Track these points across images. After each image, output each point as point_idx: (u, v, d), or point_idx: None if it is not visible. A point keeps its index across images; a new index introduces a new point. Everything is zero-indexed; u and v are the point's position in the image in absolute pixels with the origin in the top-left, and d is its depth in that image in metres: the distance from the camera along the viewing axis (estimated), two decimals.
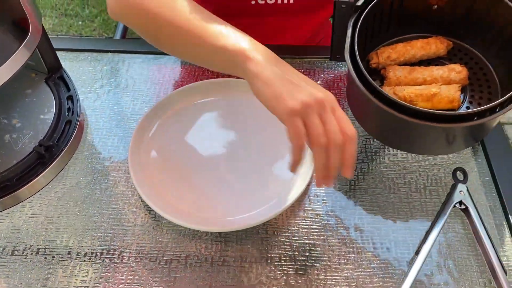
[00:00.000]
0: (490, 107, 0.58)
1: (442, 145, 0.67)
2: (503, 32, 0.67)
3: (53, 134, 0.70)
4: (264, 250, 0.63)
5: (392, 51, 0.71)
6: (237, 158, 0.71)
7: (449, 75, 0.68)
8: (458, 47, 0.74)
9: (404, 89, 0.66)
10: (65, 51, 0.87)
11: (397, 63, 0.71)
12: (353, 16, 0.65)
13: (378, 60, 0.71)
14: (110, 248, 0.63)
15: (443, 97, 0.64)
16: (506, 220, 0.65)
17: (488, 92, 0.69)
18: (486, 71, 0.72)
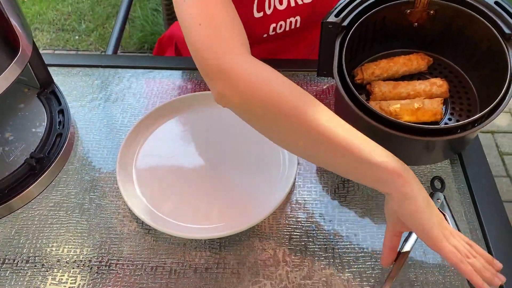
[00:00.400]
0: (470, 121, 0.61)
1: (424, 157, 0.70)
2: (479, 48, 0.70)
3: (44, 146, 0.73)
4: (246, 257, 0.65)
5: (376, 67, 0.74)
6: (222, 168, 0.73)
7: (431, 89, 0.71)
8: (438, 62, 0.77)
9: (390, 104, 0.69)
10: (58, 66, 0.90)
11: (381, 78, 0.74)
12: (340, 36, 0.68)
13: (362, 76, 0.74)
14: (98, 256, 0.65)
15: (426, 111, 0.68)
16: (479, 226, 0.67)
17: (467, 104, 0.73)
18: (465, 84, 0.75)
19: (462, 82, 0.75)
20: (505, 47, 0.64)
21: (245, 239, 0.67)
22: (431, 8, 0.71)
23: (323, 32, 0.68)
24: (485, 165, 0.74)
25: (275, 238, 0.67)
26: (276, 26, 0.87)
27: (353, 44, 0.70)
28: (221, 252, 0.65)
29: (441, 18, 0.72)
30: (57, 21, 2.35)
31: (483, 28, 0.67)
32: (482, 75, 0.72)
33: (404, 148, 0.66)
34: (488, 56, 0.69)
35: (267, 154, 0.74)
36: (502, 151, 1.82)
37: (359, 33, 0.70)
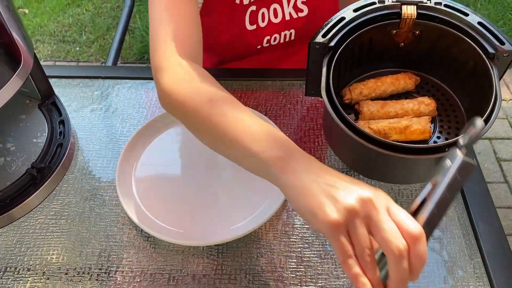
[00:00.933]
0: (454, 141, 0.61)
1: (413, 175, 0.71)
2: (465, 67, 0.71)
3: (45, 156, 0.74)
4: (243, 263, 0.66)
5: (364, 87, 0.75)
6: (220, 175, 0.75)
7: (419, 108, 0.72)
8: (426, 81, 0.79)
9: (378, 122, 0.70)
10: (58, 78, 0.92)
11: (369, 98, 0.75)
12: (327, 56, 0.68)
13: (351, 96, 0.75)
14: (98, 263, 0.67)
15: (415, 129, 0.69)
16: (472, 231, 0.69)
17: (455, 122, 0.74)
18: (452, 102, 0.76)
19: (450, 100, 0.76)
20: (490, 66, 0.65)
21: (242, 245, 0.68)
22: (417, 29, 0.71)
23: (311, 52, 0.69)
24: (478, 171, 0.75)
25: (272, 244, 0.68)
26: (270, 39, 0.89)
27: (340, 64, 0.71)
28: (219, 258, 0.67)
29: (427, 38, 0.73)
30: (58, 33, 2.38)
31: (468, 48, 0.68)
32: (469, 94, 0.73)
33: (393, 167, 0.68)
34: (474, 75, 0.69)
35: None
36: (500, 157, 1.83)
37: (346, 54, 0.71)
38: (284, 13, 0.86)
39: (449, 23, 0.69)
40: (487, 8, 2.42)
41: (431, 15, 0.70)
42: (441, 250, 0.66)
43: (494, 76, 0.64)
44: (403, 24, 0.71)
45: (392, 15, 0.70)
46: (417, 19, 0.70)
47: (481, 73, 0.67)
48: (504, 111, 2.01)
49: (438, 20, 0.70)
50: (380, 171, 0.71)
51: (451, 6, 0.69)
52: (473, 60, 0.68)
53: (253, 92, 0.88)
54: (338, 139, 0.72)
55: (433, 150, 0.61)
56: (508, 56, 0.65)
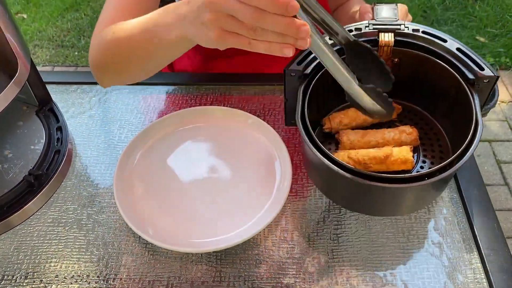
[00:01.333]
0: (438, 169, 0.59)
1: (391, 206, 0.68)
2: (446, 94, 0.70)
3: (42, 163, 0.74)
4: (242, 270, 0.66)
5: (343, 116, 0.74)
6: (218, 182, 0.75)
7: (400, 137, 0.71)
8: (408, 109, 0.78)
9: (358, 152, 0.68)
10: (56, 84, 0.92)
11: (350, 127, 0.74)
12: (303, 84, 0.67)
13: (330, 125, 0.74)
14: (96, 271, 0.66)
15: (396, 159, 0.67)
16: (472, 236, 0.68)
17: (439, 151, 0.72)
18: (436, 130, 0.75)
19: (433, 129, 0.75)
20: (469, 93, 0.64)
21: (241, 252, 0.68)
22: (395, 57, 0.70)
23: (287, 80, 0.67)
24: (477, 175, 0.75)
25: (271, 250, 0.67)
26: None
27: (318, 92, 0.69)
28: (218, 265, 0.66)
29: (406, 66, 0.71)
30: (56, 38, 2.38)
31: (447, 75, 0.67)
32: (452, 122, 0.72)
33: (368, 197, 0.66)
34: (456, 102, 0.68)
35: (261, 167, 0.76)
36: (500, 159, 1.83)
37: (324, 82, 0.69)
38: None
39: (428, 50, 0.68)
40: (485, 10, 2.42)
41: (409, 42, 0.69)
42: (440, 255, 0.66)
43: (474, 103, 0.63)
44: (381, 51, 0.69)
45: (369, 42, 0.68)
46: (395, 46, 0.69)
47: (462, 100, 0.65)
48: (503, 113, 2.01)
49: (416, 47, 0.69)
50: (358, 202, 0.68)
51: (429, 33, 0.68)
52: (454, 87, 0.67)
53: (250, 97, 0.88)
54: (313, 167, 0.70)
55: (406, 180, 0.59)
56: (489, 82, 0.63)
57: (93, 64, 0.73)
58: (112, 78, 0.74)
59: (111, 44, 0.68)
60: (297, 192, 0.74)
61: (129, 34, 0.66)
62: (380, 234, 0.68)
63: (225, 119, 0.81)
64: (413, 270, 0.65)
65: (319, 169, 0.67)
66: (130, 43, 0.66)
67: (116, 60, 0.70)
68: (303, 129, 0.64)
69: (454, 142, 0.72)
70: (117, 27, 0.68)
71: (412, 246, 0.67)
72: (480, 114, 0.62)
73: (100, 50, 0.71)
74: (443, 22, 2.40)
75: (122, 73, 0.73)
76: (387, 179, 0.59)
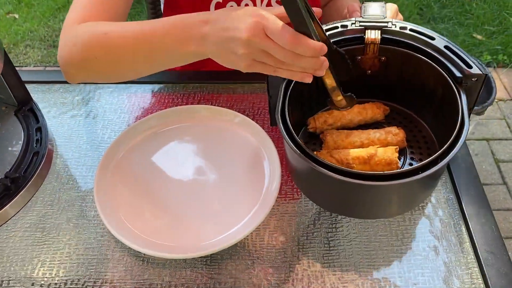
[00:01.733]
0: (419, 167, 0.56)
1: (371, 206, 0.65)
2: (434, 94, 0.67)
3: (20, 165, 0.71)
4: (229, 275, 0.63)
5: (328, 116, 0.72)
6: (204, 184, 0.71)
7: (386, 138, 0.68)
8: (396, 111, 0.75)
9: (341, 152, 0.66)
10: (38, 83, 0.88)
11: (335, 127, 0.72)
12: (285, 80, 0.65)
13: (315, 125, 0.72)
14: (74, 277, 0.63)
15: (380, 159, 0.64)
16: (469, 238, 0.65)
17: (427, 154, 0.69)
18: (425, 133, 0.72)
19: (422, 131, 0.73)
20: (456, 91, 0.62)
21: (227, 257, 0.64)
22: (382, 55, 0.68)
23: (269, 77, 0.65)
24: (474, 175, 0.72)
25: (258, 255, 0.64)
26: None
27: (302, 91, 0.67)
28: (203, 271, 0.63)
29: (393, 64, 0.69)
30: (48, 38, 2.35)
31: (435, 73, 0.65)
32: (440, 123, 0.69)
33: (356, 198, 0.63)
34: (444, 103, 0.66)
35: (249, 168, 0.73)
36: (498, 158, 1.80)
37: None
38: None
39: (415, 48, 0.66)
40: (482, 7, 2.40)
41: (396, 40, 0.66)
42: (436, 259, 0.63)
43: (461, 101, 0.61)
44: (367, 49, 0.67)
45: (355, 39, 0.66)
46: (382, 44, 0.66)
47: (450, 100, 0.63)
48: (502, 112, 1.98)
49: (404, 45, 0.66)
50: (345, 204, 0.65)
51: (416, 31, 0.66)
52: (442, 86, 0.65)
53: (239, 96, 0.85)
54: (296, 169, 0.67)
55: (387, 177, 0.55)
56: (477, 80, 0.61)
57: (67, 60, 0.69)
58: (89, 75, 0.71)
59: (101, 44, 0.65)
60: (286, 193, 0.71)
61: (127, 38, 0.64)
62: (372, 238, 0.65)
63: (211, 118, 0.78)
64: (408, 275, 0.62)
65: (301, 170, 0.64)
66: (127, 48, 0.64)
67: (103, 60, 0.67)
68: (283, 127, 0.61)
69: (442, 145, 0.68)
70: (107, 28, 0.66)
71: (406, 250, 0.64)
72: (467, 113, 0.60)
73: (82, 48, 0.67)
74: (439, 19, 2.38)
75: (105, 73, 0.70)
76: (370, 177, 0.56)
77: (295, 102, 0.66)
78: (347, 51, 0.67)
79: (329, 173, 0.56)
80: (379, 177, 0.56)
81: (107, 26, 0.66)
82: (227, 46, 0.55)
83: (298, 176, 0.68)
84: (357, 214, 0.66)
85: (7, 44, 2.31)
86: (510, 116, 1.96)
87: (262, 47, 0.53)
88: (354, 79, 0.71)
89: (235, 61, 0.56)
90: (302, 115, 0.73)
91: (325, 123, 0.71)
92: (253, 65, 0.55)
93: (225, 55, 0.56)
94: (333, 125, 0.71)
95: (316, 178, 0.62)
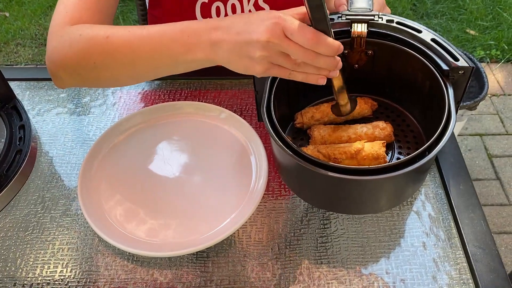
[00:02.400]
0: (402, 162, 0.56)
1: (368, 202, 0.63)
2: (422, 88, 0.67)
3: (2, 164, 0.69)
4: (214, 273, 0.62)
5: (316, 111, 0.71)
6: (189, 181, 0.70)
7: (374, 132, 0.67)
8: (385, 106, 0.74)
9: (328, 147, 0.65)
10: (22, 80, 0.87)
11: (322, 123, 0.71)
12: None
13: (302, 120, 0.71)
14: (58, 277, 0.62)
15: (367, 154, 0.63)
16: (457, 233, 0.64)
17: (416, 148, 0.68)
18: (413, 127, 0.72)
19: (410, 126, 0.72)
20: (443, 84, 0.61)
21: (213, 255, 0.63)
22: (369, 49, 0.67)
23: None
24: (463, 170, 0.71)
25: (245, 253, 0.63)
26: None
27: (289, 85, 0.66)
28: (188, 269, 0.62)
29: (380, 58, 0.68)
30: (39, 36, 2.33)
31: (422, 66, 0.64)
32: (428, 116, 0.69)
33: (344, 193, 0.62)
34: (431, 97, 0.65)
35: (235, 164, 0.72)
36: (491, 153, 1.80)
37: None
38: (244, 11, 0.81)
39: (402, 41, 0.65)
40: (476, 3, 2.39)
41: (383, 34, 0.66)
42: (424, 255, 0.62)
43: (448, 94, 0.60)
44: (354, 43, 0.66)
45: (342, 33, 0.65)
46: (369, 38, 0.66)
47: (437, 93, 0.62)
48: (495, 107, 1.97)
49: (390, 39, 0.66)
50: (332, 199, 0.65)
51: (403, 23, 0.65)
52: (429, 80, 0.64)
53: (227, 91, 0.84)
54: (282, 165, 0.66)
55: (375, 171, 0.54)
56: (464, 73, 0.60)
57: (59, 64, 0.65)
58: (83, 81, 0.68)
59: (102, 48, 0.61)
60: (273, 190, 0.70)
61: (132, 42, 0.60)
62: (360, 234, 0.65)
63: (196, 114, 0.77)
64: (395, 271, 0.61)
65: (287, 166, 0.63)
66: (129, 53, 0.60)
67: (102, 66, 0.62)
68: (268, 122, 0.60)
69: (429, 139, 0.68)
70: (108, 31, 0.62)
71: (394, 246, 0.63)
72: (454, 106, 0.59)
73: (79, 52, 0.62)
74: (433, 15, 2.37)
75: (101, 79, 0.66)
76: (357, 171, 0.55)
77: (282, 96, 0.65)
78: None
79: (315, 168, 0.55)
80: (366, 172, 0.55)
81: (108, 29, 0.62)
82: (242, 51, 0.54)
83: (284, 172, 0.67)
84: (345, 210, 0.65)
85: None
86: (503, 111, 1.95)
87: (281, 49, 0.52)
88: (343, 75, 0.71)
89: (249, 66, 0.54)
90: (290, 110, 0.72)
91: (312, 118, 0.70)
92: (270, 69, 0.54)
93: (239, 60, 0.55)
94: (320, 120, 0.71)
95: (302, 174, 0.61)
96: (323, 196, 0.64)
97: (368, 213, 0.66)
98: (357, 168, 0.55)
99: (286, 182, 0.69)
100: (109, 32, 0.61)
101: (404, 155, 0.68)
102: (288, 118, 0.73)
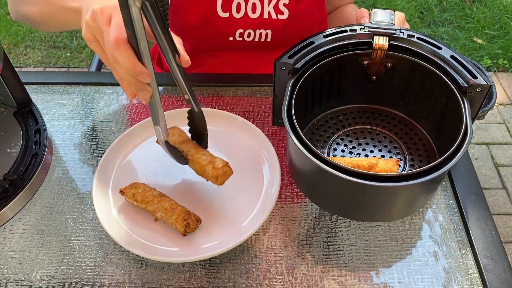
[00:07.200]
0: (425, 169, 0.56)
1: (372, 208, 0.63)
2: (438, 103, 0.67)
3: (18, 167, 0.70)
4: (227, 280, 0.62)
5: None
6: (202, 187, 0.71)
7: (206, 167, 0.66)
8: (399, 118, 0.75)
9: (343, 159, 0.66)
10: (37, 84, 0.88)
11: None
12: (292, 78, 0.65)
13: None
14: (72, 281, 0.63)
15: (380, 169, 0.64)
16: (469, 243, 0.65)
17: (427, 162, 0.68)
18: (425, 141, 0.72)
19: (423, 140, 0.72)
20: (461, 100, 0.62)
21: (226, 261, 0.64)
22: (388, 61, 0.68)
23: (277, 74, 0.65)
24: (475, 180, 0.72)
25: (257, 259, 0.64)
26: (243, 33, 0.87)
27: (307, 91, 0.67)
28: (201, 274, 0.63)
29: (399, 72, 0.69)
30: (48, 38, 2.34)
31: (440, 82, 0.65)
32: (440, 131, 0.69)
33: (361, 199, 0.61)
34: (447, 112, 0.66)
35: (249, 171, 0.72)
36: (498, 162, 1.80)
37: (314, 80, 0.67)
38: (263, 11, 0.84)
39: (422, 56, 0.66)
40: (483, 11, 2.40)
41: (403, 47, 0.67)
42: (436, 265, 0.63)
43: (465, 110, 0.60)
44: (374, 55, 0.67)
45: (363, 44, 0.67)
46: (390, 51, 0.67)
47: (454, 109, 0.63)
48: (502, 116, 1.98)
49: (410, 53, 0.67)
50: (347, 206, 0.64)
51: (424, 39, 0.66)
52: (446, 95, 0.65)
53: (240, 98, 0.85)
54: (298, 167, 0.66)
55: (392, 178, 0.55)
56: (481, 91, 0.61)
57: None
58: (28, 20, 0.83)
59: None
60: (286, 197, 0.71)
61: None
62: (372, 242, 0.65)
63: (211, 121, 0.77)
64: (407, 280, 0.61)
65: (304, 170, 0.64)
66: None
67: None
68: (288, 123, 0.60)
69: (442, 153, 0.67)
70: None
71: (406, 255, 0.64)
72: (471, 122, 0.60)
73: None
74: (440, 23, 2.38)
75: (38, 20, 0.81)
76: (377, 177, 0.55)
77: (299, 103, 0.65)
78: (355, 55, 0.68)
79: (336, 173, 0.56)
80: (386, 178, 0.55)
81: None
82: (85, 13, 0.58)
83: (300, 176, 0.67)
84: (358, 216, 0.66)
85: (7, 44, 2.31)
86: (510, 121, 1.95)
87: (99, 28, 0.56)
88: (359, 83, 0.72)
89: (82, 27, 0.59)
90: (304, 117, 0.73)
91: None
92: (91, 41, 0.58)
93: (82, 20, 0.60)
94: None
95: (320, 178, 0.61)
96: (339, 201, 0.64)
97: (380, 221, 0.66)
98: (377, 175, 0.55)
99: (300, 187, 0.69)
100: None
101: (416, 168, 0.69)
102: (301, 127, 0.73)
